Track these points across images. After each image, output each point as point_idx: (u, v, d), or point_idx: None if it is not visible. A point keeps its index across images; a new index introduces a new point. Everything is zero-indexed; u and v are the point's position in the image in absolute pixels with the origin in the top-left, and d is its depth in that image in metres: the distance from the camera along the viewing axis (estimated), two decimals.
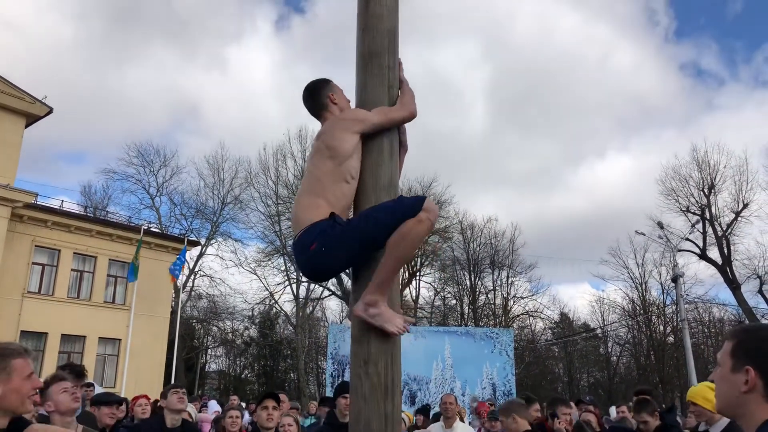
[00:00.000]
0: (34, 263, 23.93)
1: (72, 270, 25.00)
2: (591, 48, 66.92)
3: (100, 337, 24.95)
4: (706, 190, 33.07)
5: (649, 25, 72.31)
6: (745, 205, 31.94)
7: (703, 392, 4.44)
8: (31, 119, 24.60)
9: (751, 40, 71.04)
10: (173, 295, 30.69)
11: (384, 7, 3.00)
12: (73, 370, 4.58)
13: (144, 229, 27.08)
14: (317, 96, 2.97)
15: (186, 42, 65.94)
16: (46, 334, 23.55)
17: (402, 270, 2.68)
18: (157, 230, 32.15)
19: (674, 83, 70.28)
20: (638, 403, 5.18)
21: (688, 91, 72.16)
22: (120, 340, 25.45)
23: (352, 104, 2.96)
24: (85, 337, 24.53)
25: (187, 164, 59.11)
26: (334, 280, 38.76)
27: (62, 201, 27.40)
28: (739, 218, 32.08)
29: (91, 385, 7.78)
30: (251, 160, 48.81)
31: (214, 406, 12.81)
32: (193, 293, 39.40)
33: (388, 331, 2.43)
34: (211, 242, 38.80)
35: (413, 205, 2.49)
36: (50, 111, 24.74)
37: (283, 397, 5.76)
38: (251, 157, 52.01)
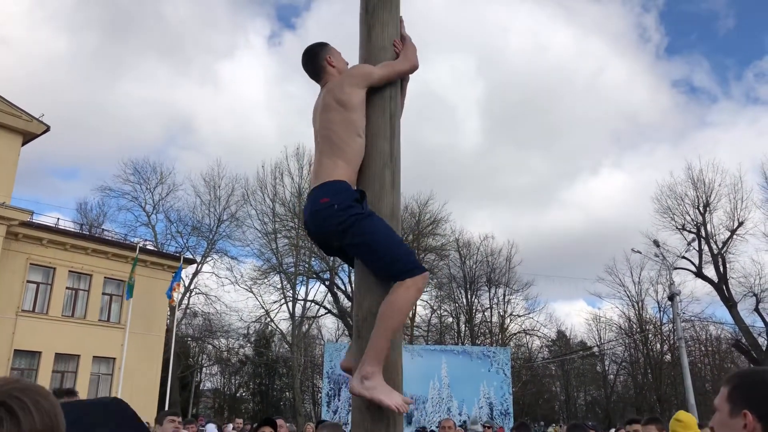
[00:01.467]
0: (28, 281, 23.79)
1: (67, 288, 24.85)
2: (584, 64, 67.66)
3: (94, 356, 24.74)
4: (701, 208, 33.18)
5: (641, 41, 73.23)
6: (741, 223, 32.03)
7: (673, 427, 4.48)
8: (28, 137, 24.60)
9: (742, 57, 72.02)
10: (168, 313, 30.52)
11: (386, 38, 3.02)
12: (62, 392, 4.47)
13: (140, 247, 26.99)
14: (316, 60, 3.05)
15: (179, 57, 66.36)
16: (40, 353, 23.35)
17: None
18: (152, 248, 32.06)
19: (667, 99, 71.07)
20: (650, 418, 5.16)
21: (681, 107, 72.94)
22: (114, 359, 25.25)
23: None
24: (79, 356, 24.33)
25: (184, 182, 59.16)
26: (330, 298, 38.68)
27: (58, 219, 27.37)
28: (735, 236, 32.15)
29: None
30: (248, 178, 48.80)
31: (212, 430, 12.63)
32: (188, 311, 39.19)
33: (384, 405, 2.35)
34: (207, 260, 38.70)
35: (412, 268, 2.51)
36: (47, 129, 24.75)
37: (280, 422, 5.69)
38: (246, 172, 52.02)
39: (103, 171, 76.77)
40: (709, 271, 32.49)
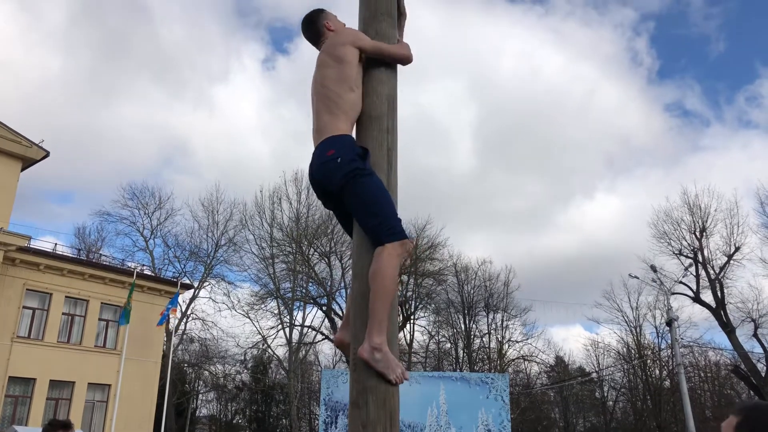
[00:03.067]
0: (24, 307, 23.62)
1: (63, 314, 24.67)
2: (575, 88, 68.35)
3: (89, 383, 24.49)
4: (697, 233, 33.28)
5: (633, 65, 74.11)
6: (737, 248, 32.12)
7: None
8: (28, 163, 24.67)
9: (734, 81, 72.96)
10: (165, 339, 30.33)
11: (383, 71, 3.10)
12: (58, 425, 4.45)
13: (137, 273, 26.92)
14: (314, 25, 3.22)
15: (174, 80, 66.96)
16: (35, 380, 23.12)
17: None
18: (150, 273, 31.98)
19: (659, 123, 71.69)
20: None
21: (674, 131, 73.57)
22: (110, 385, 25.00)
23: None
24: (74, 382, 24.07)
25: (182, 206, 59.09)
26: (327, 323, 38.49)
27: (55, 244, 27.37)
28: (732, 261, 32.21)
29: None
30: (246, 203, 49.00)
31: None
32: (185, 337, 38.97)
33: (387, 378, 2.46)
34: (204, 285, 38.60)
35: (399, 233, 2.62)
36: (47, 154, 24.83)
37: None
38: (241, 195, 52.26)
39: (99, 194, 76.82)
40: (707, 296, 32.52)
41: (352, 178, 2.66)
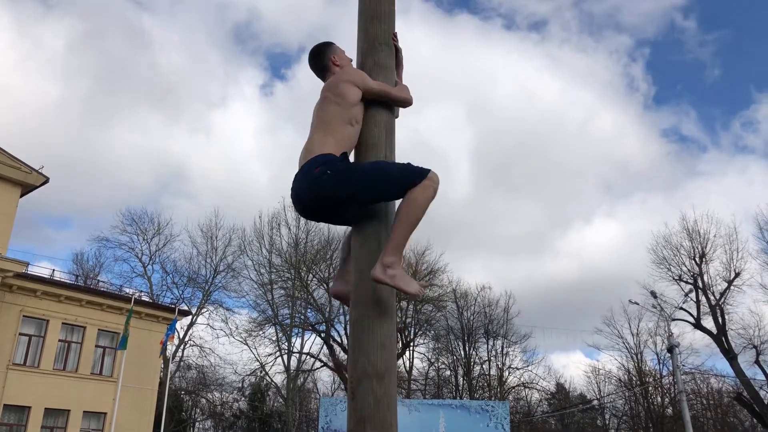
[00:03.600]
0: (21, 334, 23.42)
1: (59, 341, 24.45)
2: (572, 113, 68.81)
3: (84, 411, 24.17)
4: (697, 259, 33.21)
5: (629, 91, 74.80)
6: (737, 274, 32.02)
7: None
8: (27, 189, 24.70)
9: (729, 107, 73.68)
10: (162, 366, 30.05)
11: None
12: None
13: (134, 299, 26.78)
14: (321, 58, 3.24)
15: (172, 105, 67.36)
16: (30, 408, 22.83)
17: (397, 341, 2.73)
18: (147, 299, 31.83)
19: (657, 149, 72.08)
20: None
21: (672, 156, 73.93)
22: (105, 413, 24.69)
23: None
24: (69, 411, 23.77)
25: (181, 232, 59.20)
26: (325, 350, 38.19)
27: (53, 270, 27.24)
28: (732, 287, 32.09)
29: None
30: (245, 228, 48.85)
31: None
32: (182, 364, 38.63)
33: (406, 292, 2.49)
34: (202, 311, 38.39)
35: (420, 172, 2.66)
36: (46, 181, 24.86)
37: None
38: (240, 221, 52.06)
39: (96, 220, 76.47)
40: (708, 322, 32.31)
41: (350, 177, 2.69)
